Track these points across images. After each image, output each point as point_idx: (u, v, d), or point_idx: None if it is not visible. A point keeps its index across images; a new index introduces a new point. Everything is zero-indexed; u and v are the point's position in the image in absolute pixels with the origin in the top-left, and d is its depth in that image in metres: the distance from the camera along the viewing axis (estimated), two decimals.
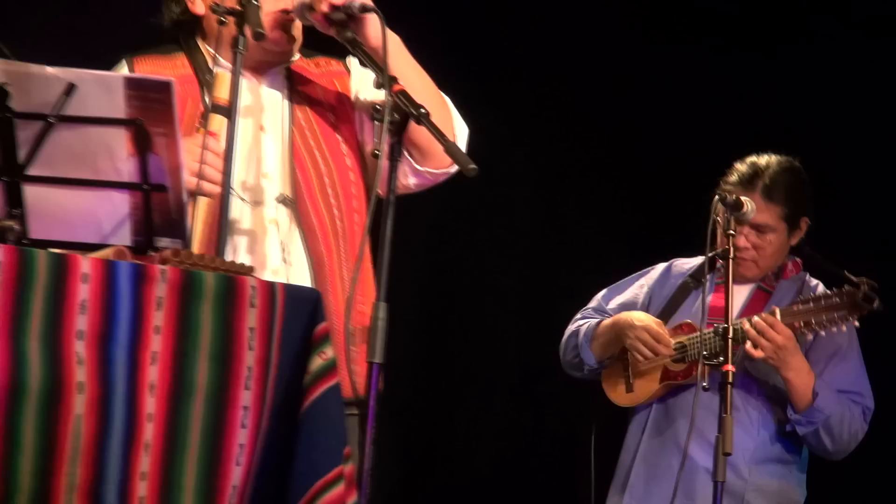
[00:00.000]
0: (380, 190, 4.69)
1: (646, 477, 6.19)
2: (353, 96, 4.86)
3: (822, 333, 5.92)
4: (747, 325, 5.89)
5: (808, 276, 6.17)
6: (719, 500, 5.45)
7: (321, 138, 4.78)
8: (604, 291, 6.49)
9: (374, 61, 4.52)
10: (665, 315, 6.29)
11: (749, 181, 6.11)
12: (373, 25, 4.59)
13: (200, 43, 4.82)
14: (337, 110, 4.83)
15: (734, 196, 5.75)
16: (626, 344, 6.16)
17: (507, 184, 6.37)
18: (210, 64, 4.73)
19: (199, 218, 4.33)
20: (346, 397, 4.01)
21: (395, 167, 4.35)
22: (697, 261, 6.38)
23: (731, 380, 5.48)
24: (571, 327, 6.43)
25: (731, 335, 5.57)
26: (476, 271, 8.10)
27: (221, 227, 4.27)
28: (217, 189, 4.33)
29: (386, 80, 4.40)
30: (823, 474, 6.30)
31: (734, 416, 5.58)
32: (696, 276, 6.31)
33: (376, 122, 4.34)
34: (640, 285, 6.46)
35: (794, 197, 6.14)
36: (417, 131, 4.46)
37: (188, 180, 4.25)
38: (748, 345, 5.89)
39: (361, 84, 4.85)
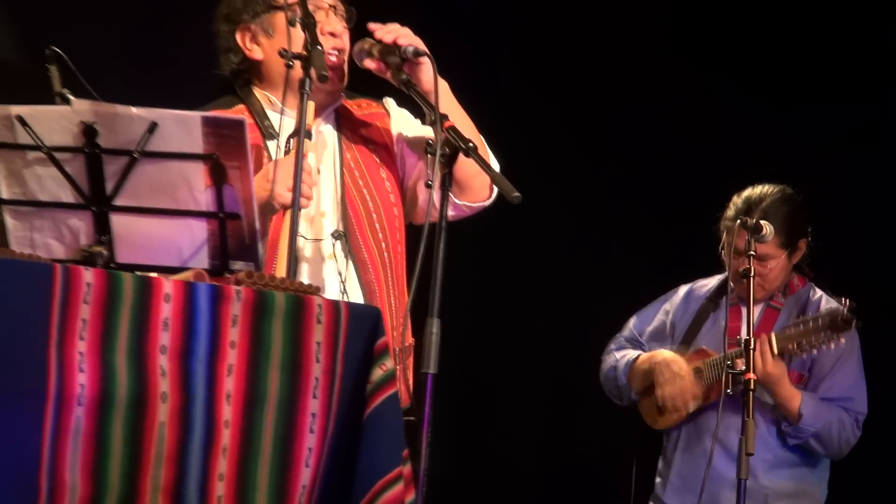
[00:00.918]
0: (415, 220, 4.74)
1: (681, 488, 6.19)
2: (394, 136, 4.87)
3: (814, 352, 5.95)
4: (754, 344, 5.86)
5: (813, 287, 6.17)
6: (743, 496, 5.46)
7: (368, 177, 4.79)
8: (633, 319, 6.49)
9: (427, 101, 4.54)
10: (688, 338, 6.33)
11: (745, 216, 6.08)
12: (426, 70, 4.61)
13: (256, 89, 4.83)
14: (381, 149, 4.84)
15: (755, 220, 5.75)
16: (657, 391, 6.17)
17: (540, 210, 6.35)
18: (266, 106, 4.77)
19: (286, 231, 4.35)
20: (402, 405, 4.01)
21: (447, 195, 4.37)
22: (715, 281, 6.39)
23: (752, 387, 5.52)
24: (608, 359, 6.45)
25: (752, 346, 5.58)
26: (514, 289, 8.10)
27: (290, 249, 4.26)
28: (309, 203, 4.34)
29: (437, 117, 4.41)
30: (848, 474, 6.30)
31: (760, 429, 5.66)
32: (714, 299, 6.33)
33: (429, 156, 4.35)
34: (665, 311, 6.48)
35: (789, 225, 6.15)
36: (460, 167, 4.46)
37: (283, 195, 4.29)
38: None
39: (401, 124, 4.89)
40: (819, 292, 6.15)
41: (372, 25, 4.68)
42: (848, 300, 5.82)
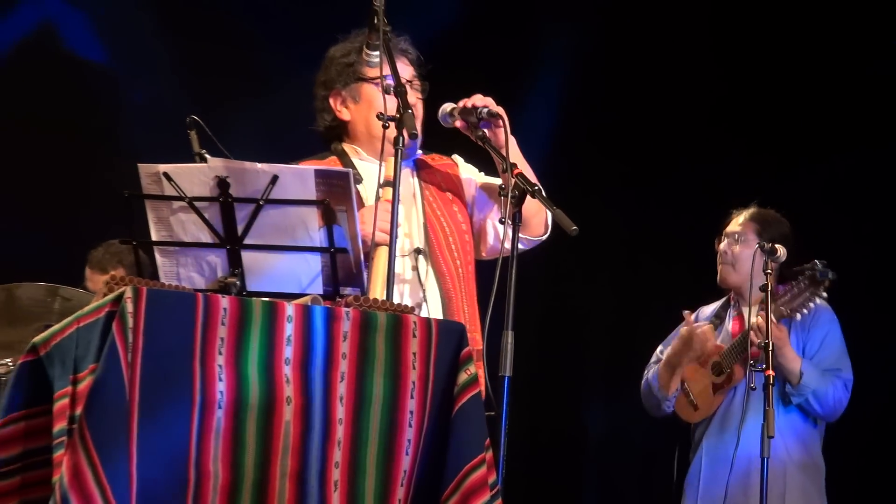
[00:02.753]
0: (482, 253, 4.74)
1: (711, 467, 6.13)
2: (464, 182, 4.88)
3: (806, 312, 5.89)
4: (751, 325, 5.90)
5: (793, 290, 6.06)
6: (766, 471, 5.43)
7: (443, 208, 4.79)
8: (660, 346, 6.46)
9: (499, 152, 4.58)
10: None
11: (737, 212, 6.23)
12: (500, 129, 4.63)
13: (345, 143, 4.84)
14: (452, 190, 4.84)
15: (770, 244, 5.72)
16: (687, 350, 6.13)
17: (596, 239, 6.34)
18: (352, 157, 4.78)
19: (380, 262, 4.35)
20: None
21: (517, 228, 4.41)
22: (717, 304, 6.37)
23: (772, 381, 5.47)
24: (644, 381, 6.42)
25: (771, 349, 5.55)
26: (574, 308, 8.08)
27: (389, 276, 4.26)
28: (387, 238, 4.32)
29: (509, 166, 4.46)
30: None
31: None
32: (719, 316, 6.30)
33: (502, 197, 4.40)
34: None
35: (766, 223, 6.16)
36: (524, 207, 4.46)
37: (380, 236, 4.30)
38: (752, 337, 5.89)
39: (470, 173, 4.91)
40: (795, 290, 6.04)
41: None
42: (817, 261, 5.79)
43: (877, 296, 7.18)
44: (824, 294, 5.84)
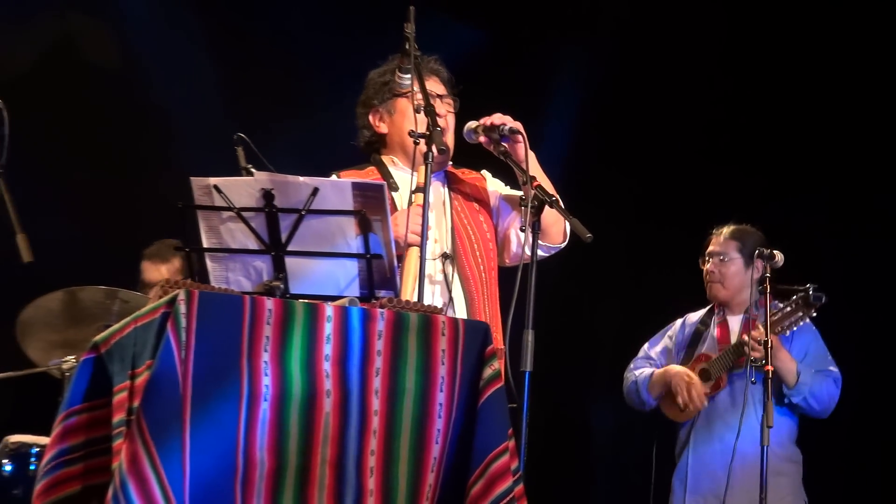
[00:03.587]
0: (505, 260, 4.72)
1: (699, 462, 6.14)
2: (490, 194, 4.88)
3: (795, 329, 5.91)
4: (746, 338, 5.90)
5: (776, 302, 6.03)
6: (766, 461, 5.43)
7: (470, 217, 4.79)
8: (646, 345, 6.52)
9: (520, 166, 4.57)
10: (690, 353, 6.31)
11: (717, 231, 6.25)
12: (519, 145, 4.63)
13: (383, 155, 4.86)
14: (479, 201, 4.85)
15: (769, 250, 5.71)
16: (678, 398, 6.14)
17: (604, 247, 6.33)
18: (389, 167, 4.80)
19: (411, 262, 4.36)
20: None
21: (537, 235, 4.43)
22: (703, 311, 6.39)
23: (770, 376, 5.49)
24: (629, 377, 6.43)
25: (770, 346, 5.54)
26: (583, 308, 8.07)
27: (420, 278, 4.26)
28: (418, 239, 4.33)
29: (528, 179, 4.48)
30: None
31: (757, 409, 5.66)
32: (705, 321, 6.29)
33: (522, 207, 4.40)
34: (669, 336, 6.48)
35: (744, 237, 6.18)
36: (543, 217, 4.48)
37: (411, 238, 4.33)
38: (749, 351, 5.91)
39: (496, 186, 4.91)
40: (782, 304, 6.01)
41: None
42: (810, 285, 5.80)
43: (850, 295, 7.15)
44: (814, 314, 5.85)
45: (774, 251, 5.74)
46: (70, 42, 7.25)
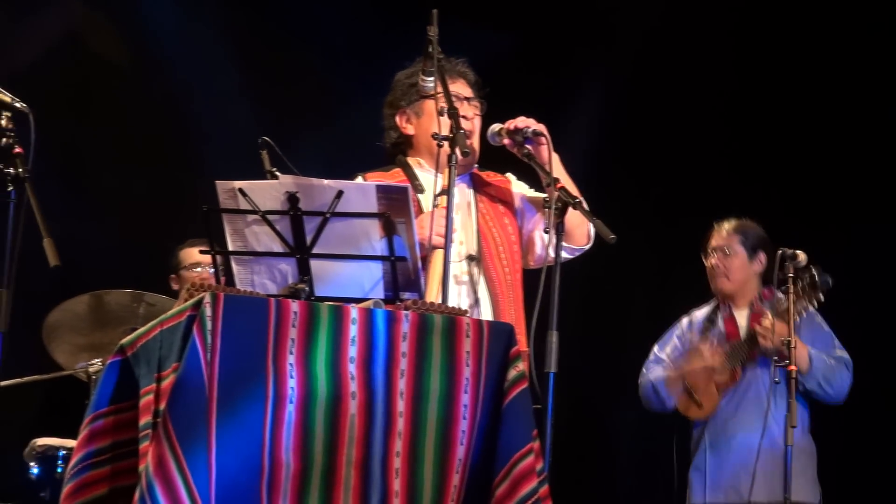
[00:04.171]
0: (530, 263, 4.72)
1: (717, 457, 6.12)
2: (515, 196, 4.87)
3: (805, 315, 5.89)
4: (758, 328, 5.92)
5: (780, 294, 5.97)
6: (790, 458, 5.42)
7: (495, 219, 4.78)
8: (655, 346, 6.50)
9: (544, 168, 4.59)
10: None
11: (719, 226, 6.27)
12: (543, 147, 4.64)
13: (410, 157, 4.85)
14: (504, 203, 4.84)
15: (791, 250, 5.69)
16: (687, 361, 6.18)
17: (628, 248, 6.31)
18: (416, 168, 4.80)
19: (437, 264, 4.36)
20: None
21: (561, 237, 4.43)
22: (707, 307, 6.40)
23: (794, 375, 5.48)
24: (645, 382, 6.43)
25: (793, 345, 5.53)
26: (607, 309, 8.06)
27: (444, 280, 4.26)
28: (443, 241, 4.33)
29: (552, 180, 4.48)
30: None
31: (779, 406, 5.69)
32: (711, 318, 6.30)
33: (546, 209, 4.42)
34: (677, 336, 6.46)
35: (746, 231, 6.20)
36: (567, 218, 4.48)
37: (436, 240, 4.34)
38: (762, 340, 5.92)
39: (521, 189, 4.89)
40: (782, 295, 5.96)
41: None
42: (812, 268, 5.76)
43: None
44: (822, 298, 5.82)
45: (797, 251, 5.72)
46: (99, 47, 7.26)
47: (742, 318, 6.19)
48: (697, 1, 7.78)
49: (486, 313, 4.61)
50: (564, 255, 4.64)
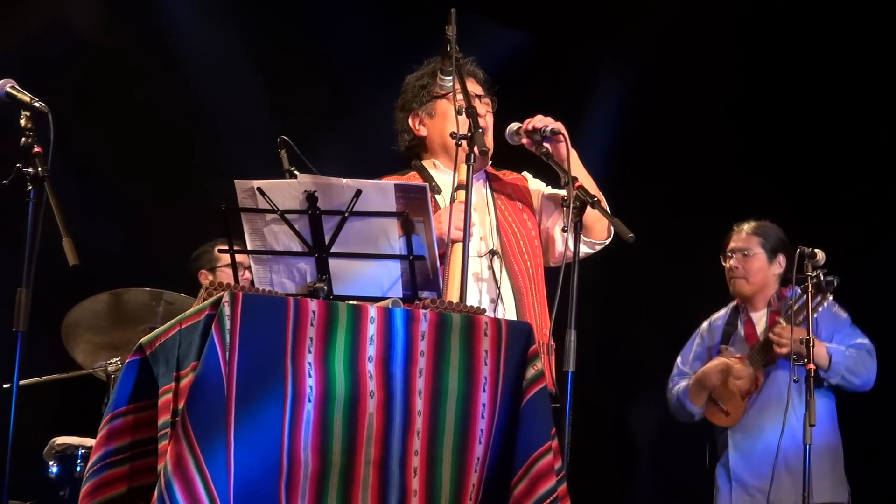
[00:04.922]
0: (550, 260, 4.72)
1: (742, 458, 6.15)
2: (532, 194, 4.87)
3: (821, 309, 5.86)
4: (772, 336, 5.95)
5: (794, 291, 5.98)
6: (809, 458, 5.41)
7: (514, 215, 4.78)
8: (679, 358, 6.54)
9: (562, 167, 4.58)
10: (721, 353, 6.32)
11: (738, 227, 6.27)
12: (561, 145, 4.63)
13: (424, 160, 4.85)
14: (521, 200, 4.84)
15: (811, 249, 5.67)
16: (707, 373, 6.20)
17: (647, 247, 6.30)
18: (430, 169, 4.79)
19: (457, 259, 4.35)
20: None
21: (579, 236, 4.45)
22: (724, 311, 6.42)
23: (812, 374, 5.48)
24: (671, 396, 6.47)
25: (812, 345, 5.52)
26: (625, 308, 8.05)
27: (463, 278, 4.25)
28: (460, 235, 4.32)
29: (570, 179, 4.48)
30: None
31: (800, 404, 5.71)
32: (731, 323, 6.32)
33: (564, 207, 4.43)
34: (697, 343, 6.49)
35: (766, 233, 6.21)
36: (586, 215, 4.49)
37: (455, 234, 4.35)
38: (777, 348, 5.95)
39: (538, 187, 4.89)
40: (799, 290, 5.95)
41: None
42: (819, 272, 5.72)
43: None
44: (830, 298, 5.83)
45: (816, 250, 5.70)
46: (118, 47, 7.28)
47: (760, 320, 6.19)
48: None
49: (510, 308, 4.60)
50: (585, 249, 4.65)
